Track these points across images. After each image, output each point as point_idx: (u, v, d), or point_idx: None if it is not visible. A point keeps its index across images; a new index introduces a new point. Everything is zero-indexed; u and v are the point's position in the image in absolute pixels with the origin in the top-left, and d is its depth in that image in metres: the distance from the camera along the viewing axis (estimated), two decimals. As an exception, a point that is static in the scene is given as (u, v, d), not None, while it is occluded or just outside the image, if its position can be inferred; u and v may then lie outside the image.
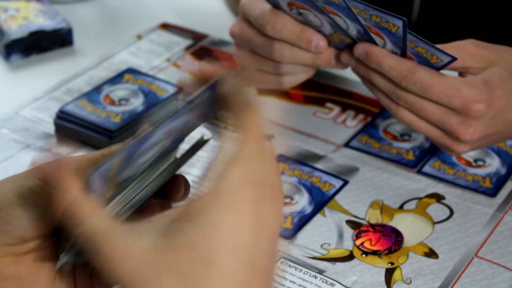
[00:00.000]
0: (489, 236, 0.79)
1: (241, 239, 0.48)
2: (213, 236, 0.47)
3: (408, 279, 0.75)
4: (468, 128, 0.77)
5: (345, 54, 0.82)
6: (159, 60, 1.05)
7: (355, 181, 0.85)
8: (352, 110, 0.96)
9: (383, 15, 0.73)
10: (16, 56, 1.04)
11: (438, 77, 0.77)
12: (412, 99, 0.78)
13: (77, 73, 1.02)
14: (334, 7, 0.75)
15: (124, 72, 0.98)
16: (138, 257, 0.48)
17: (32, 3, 1.09)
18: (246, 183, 0.49)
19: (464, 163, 0.87)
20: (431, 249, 0.78)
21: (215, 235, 0.48)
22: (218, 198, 0.49)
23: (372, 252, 0.77)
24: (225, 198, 0.49)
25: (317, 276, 0.74)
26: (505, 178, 0.85)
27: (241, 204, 0.49)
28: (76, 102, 0.92)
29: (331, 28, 0.80)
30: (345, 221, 0.81)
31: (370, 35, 0.77)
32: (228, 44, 1.06)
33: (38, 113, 0.95)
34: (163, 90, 0.94)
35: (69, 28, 1.06)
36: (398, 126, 0.92)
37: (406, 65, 0.77)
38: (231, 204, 0.49)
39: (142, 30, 1.11)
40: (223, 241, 0.47)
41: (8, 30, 1.04)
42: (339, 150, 0.90)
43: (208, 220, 0.48)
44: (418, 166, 0.87)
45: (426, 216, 0.81)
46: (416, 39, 0.74)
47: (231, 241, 0.48)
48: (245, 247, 0.48)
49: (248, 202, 0.49)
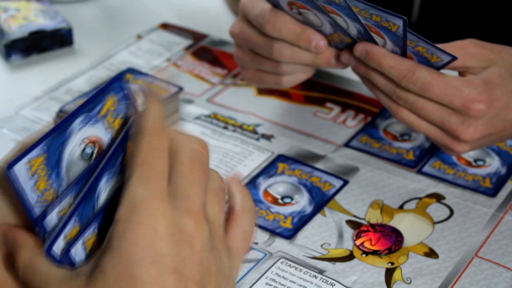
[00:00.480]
0: (489, 236, 0.79)
1: (159, 248, 0.49)
2: (131, 251, 0.49)
3: (408, 279, 0.75)
4: (468, 128, 0.77)
5: (345, 54, 0.82)
6: (159, 60, 1.05)
7: (355, 181, 0.85)
8: (352, 110, 0.96)
9: (383, 15, 0.73)
10: (16, 56, 1.04)
11: (438, 77, 0.77)
12: (412, 99, 0.78)
13: (77, 73, 1.02)
14: (335, 7, 0.75)
15: (124, 72, 0.98)
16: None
17: (32, 3, 1.09)
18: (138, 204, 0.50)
19: (464, 163, 0.87)
20: (431, 249, 0.78)
21: (133, 250, 0.49)
22: (118, 225, 0.50)
23: (372, 252, 0.77)
24: (124, 221, 0.50)
25: (317, 276, 0.74)
26: (505, 178, 0.85)
27: (137, 223, 0.49)
28: (76, 102, 0.92)
29: (331, 28, 0.80)
30: (345, 221, 0.81)
31: (370, 35, 0.77)
32: (228, 44, 1.07)
33: (38, 113, 0.95)
34: (163, 90, 0.94)
35: (69, 28, 1.06)
36: (398, 126, 0.92)
37: (406, 64, 0.77)
38: (129, 225, 0.50)
39: (142, 30, 1.11)
40: (141, 254, 0.49)
41: (8, 30, 1.04)
42: (339, 150, 0.90)
43: (113, 246, 0.49)
44: (418, 166, 0.87)
45: (426, 216, 0.81)
46: (416, 38, 0.74)
47: (149, 252, 0.49)
48: (165, 255, 0.49)
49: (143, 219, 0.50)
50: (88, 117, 0.53)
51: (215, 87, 1.00)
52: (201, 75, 1.02)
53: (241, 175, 0.59)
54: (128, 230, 0.49)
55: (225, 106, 0.96)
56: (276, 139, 0.91)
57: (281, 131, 0.93)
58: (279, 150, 0.90)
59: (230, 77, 1.02)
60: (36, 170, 0.51)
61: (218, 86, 1.00)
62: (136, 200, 0.50)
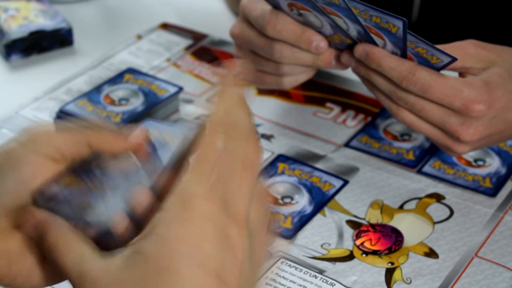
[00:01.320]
0: (489, 236, 0.79)
1: (205, 250, 0.49)
2: (165, 247, 0.49)
3: (408, 279, 0.75)
4: (468, 129, 0.77)
5: (345, 55, 0.82)
6: (159, 60, 1.05)
7: (355, 181, 0.85)
8: (352, 110, 0.96)
9: (383, 16, 0.73)
10: (16, 56, 1.04)
11: (438, 78, 0.77)
12: (413, 100, 0.78)
13: (77, 73, 1.02)
14: (334, 8, 0.75)
15: (124, 72, 0.98)
16: (110, 275, 0.50)
17: (32, 3, 1.09)
18: (191, 198, 0.50)
19: (464, 163, 0.87)
20: (431, 249, 0.78)
21: (168, 247, 0.49)
22: (166, 213, 0.50)
23: (372, 252, 0.77)
24: (173, 212, 0.50)
25: (317, 276, 0.75)
26: (505, 178, 0.86)
27: (187, 217, 0.50)
28: (76, 102, 0.92)
29: (331, 29, 0.80)
30: (345, 221, 0.81)
31: (370, 36, 0.77)
32: (228, 44, 1.07)
33: (38, 113, 0.95)
34: (163, 90, 0.95)
35: (69, 28, 1.06)
36: (398, 126, 0.92)
37: (406, 65, 0.77)
38: (178, 218, 0.50)
39: (142, 30, 1.11)
40: (187, 252, 0.49)
41: (8, 30, 1.04)
42: (339, 150, 0.90)
43: (159, 234, 0.49)
44: (418, 166, 0.87)
45: (426, 216, 0.81)
46: (416, 39, 0.74)
47: (196, 252, 0.49)
48: (210, 257, 0.49)
49: (210, 217, 0.50)
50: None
51: (215, 87, 1.00)
52: (201, 75, 1.02)
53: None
54: (177, 224, 0.49)
55: (225, 106, 0.96)
56: (276, 139, 0.91)
57: (281, 131, 0.93)
58: (279, 150, 0.90)
59: (230, 77, 1.01)
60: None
61: (218, 86, 1.00)
62: (188, 196, 0.50)
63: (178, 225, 0.50)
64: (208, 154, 0.52)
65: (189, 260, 0.49)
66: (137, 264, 0.49)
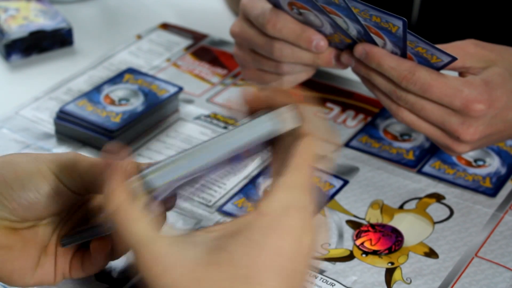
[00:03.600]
0: (489, 236, 0.79)
1: (283, 261, 0.48)
2: (257, 255, 0.48)
3: (408, 279, 0.75)
4: (468, 128, 0.77)
5: (345, 55, 0.82)
6: (159, 60, 1.05)
7: (355, 181, 0.85)
8: (352, 110, 0.96)
9: (383, 15, 0.73)
10: (16, 56, 1.04)
11: (438, 77, 0.77)
12: (413, 99, 0.78)
13: (77, 73, 1.02)
14: (334, 7, 0.75)
15: (124, 72, 0.98)
16: (182, 268, 0.48)
17: (32, 3, 1.09)
18: (294, 209, 0.50)
19: (464, 163, 0.87)
20: (431, 249, 0.78)
21: (259, 255, 0.48)
22: (265, 219, 0.49)
23: (372, 252, 0.77)
24: (273, 220, 0.49)
25: (317, 276, 0.74)
26: (505, 178, 0.86)
27: (287, 228, 0.49)
28: (76, 102, 0.92)
29: (331, 28, 0.80)
30: (345, 221, 0.81)
31: (370, 35, 0.77)
32: (228, 44, 1.07)
33: (38, 113, 0.95)
34: (163, 90, 0.94)
35: (69, 28, 1.06)
36: (398, 126, 0.92)
37: (406, 65, 0.77)
38: (278, 226, 0.49)
39: (142, 30, 1.11)
40: (266, 261, 0.48)
41: (8, 30, 1.04)
42: (339, 150, 0.90)
43: (253, 239, 0.48)
44: (418, 166, 0.87)
45: (426, 216, 0.81)
46: (416, 39, 0.74)
47: (274, 262, 0.48)
48: (286, 269, 0.48)
49: (294, 227, 0.49)
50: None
51: (215, 87, 1.00)
52: (201, 75, 1.02)
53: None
54: (275, 234, 0.48)
55: (225, 106, 0.96)
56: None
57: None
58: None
59: (230, 77, 1.02)
60: None
61: (218, 86, 1.00)
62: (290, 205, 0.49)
63: (276, 235, 0.48)
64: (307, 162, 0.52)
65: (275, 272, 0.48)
66: (222, 265, 0.48)
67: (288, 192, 0.50)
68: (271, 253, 0.48)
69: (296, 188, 0.50)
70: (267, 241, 0.48)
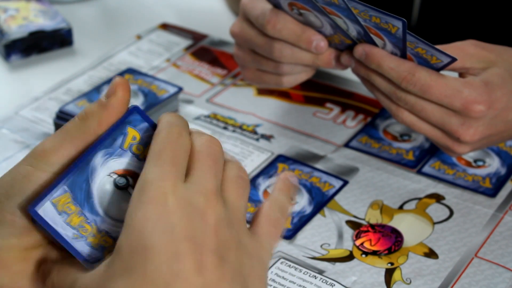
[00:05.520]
0: (489, 236, 0.79)
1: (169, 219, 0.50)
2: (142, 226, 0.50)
3: (408, 279, 0.75)
4: (468, 129, 0.77)
5: (345, 55, 0.82)
6: (159, 60, 1.05)
7: (355, 181, 0.85)
8: (352, 110, 0.96)
9: (382, 16, 0.73)
10: (16, 56, 1.04)
11: (438, 78, 0.77)
12: (412, 100, 0.78)
13: (77, 73, 1.02)
14: (334, 8, 0.75)
15: (124, 72, 0.98)
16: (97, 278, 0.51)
17: (32, 3, 1.09)
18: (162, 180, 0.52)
19: (464, 163, 0.87)
20: (431, 249, 0.78)
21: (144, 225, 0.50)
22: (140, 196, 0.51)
23: (372, 252, 0.77)
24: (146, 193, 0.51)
25: (317, 276, 0.74)
26: (505, 178, 0.86)
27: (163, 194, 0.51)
28: (76, 102, 0.92)
29: (331, 29, 0.80)
30: (345, 221, 0.81)
31: (370, 36, 0.77)
32: (228, 44, 1.07)
33: (38, 113, 0.95)
34: (163, 90, 0.94)
35: (69, 28, 1.06)
36: (398, 126, 0.92)
37: (406, 66, 0.77)
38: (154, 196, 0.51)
39: (142, 30, 1.11)
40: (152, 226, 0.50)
41: (8, 30, 1.04)
42: (339, 150, 0.90)
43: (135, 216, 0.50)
44: (418, 166, 0.87)
45: (426, 216, 0.81)
46: (416, 40, 0.74)
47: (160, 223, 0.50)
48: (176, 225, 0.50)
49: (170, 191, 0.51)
50: (110, 152, 0.55)
51: (215, 87, 1.00)
52: (201, 75, 1.02)
53: (292, 175, 0.61)
54: (139, 208, 0.51)
55: (225, 106, 0.96)
56: (275, 139, 0.91)
57: (281, 132, 0.93)
58: (278, 151, 0.90)
59: (229, 77, 1.02)
60: (63, 208, 0.53)
61: (218, 86, 1.00)
62: (147, 181, 0.51)
63: (138, 210, 0.50)
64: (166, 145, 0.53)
65: (156, 232, 0.49)
66: (115, 259, 0.50)
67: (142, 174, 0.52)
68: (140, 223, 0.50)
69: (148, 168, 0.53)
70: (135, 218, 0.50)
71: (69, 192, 0.53)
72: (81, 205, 0.54)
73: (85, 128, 0.55)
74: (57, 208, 0.53)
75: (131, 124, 0.55)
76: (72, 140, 0.55)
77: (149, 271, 0.49)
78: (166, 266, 0.49)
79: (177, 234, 0.50)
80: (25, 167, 0.55)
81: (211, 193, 0.52)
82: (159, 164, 0.52)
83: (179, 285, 0.49)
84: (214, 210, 0.52)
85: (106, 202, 0.55)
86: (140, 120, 0.56)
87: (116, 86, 0.56)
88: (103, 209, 0.54)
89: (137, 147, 0.56)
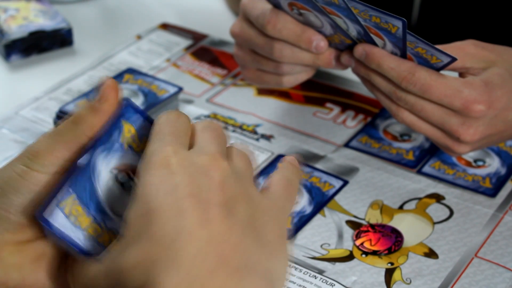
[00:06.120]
0: (489, 236, 0.79)
1: (172, 180, 0.50)
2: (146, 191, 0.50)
3: (408, 279, 0.75)
4: (468, 129, 0.77)
5: (345, 55, 0.82)
6: (159, 60, 1.05)
7: (355, 181, 0.85)
8: (352, 110, 0.96)
9: (382, 16, 0.73)
10: (16, 56, 1.04)
11: (438, 78, 0.77)
12: (412, 100, 0.78)
13: (77, 73, 1.02)
14: (334, 8, 0.75)
15: (124, 72, 0.98)
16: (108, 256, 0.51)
17: (32, 3, 1.09)
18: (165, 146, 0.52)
19: (464, 163, 0.87)
20: (431, 249, 0.78)
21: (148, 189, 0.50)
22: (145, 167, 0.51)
23: (372, 252, 0.77)
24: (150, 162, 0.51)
25: (317, 276, 0.74)
26: (505, 178, 0.86)
27: (165, 157, 0.51)
28: (76, 102, 0.92)
29: (331, 29, 0.80)
30: (345, 221, 0.81)
31: (370, 36, 0.77)
32: (228, 44, 1.07)
33: (38, 113, 0.95)
34: (163, 90, 0.94)
35: (69, 28, 1.06)
36: (398, 126, 0.92)
37: (406, 66, 0.77)
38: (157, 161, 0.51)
39: (142, 30, 1.11)
40: (155, 189, 0.50)
41: (8, 30, 1.04)
42: (339, 150, 0.90)
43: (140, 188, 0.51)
44: (418, 166, 0.87)
45: (426, 216, 0.81)
46: (416, 39, 0.74)
47: (163, 185, 0.50)
48: (179, 184, 0.50)
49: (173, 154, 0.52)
50: (108, 147, 0.55)
51: (215, 87, 1.00)
52: (201, 75, 1.02)
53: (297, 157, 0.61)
54: (143, 176, 0.51)
55: (225, 106, 0.96)
56: (276, 139, 0.91)
57: (281, 131, 0.93)
58: (278, 150, 0.90)
59: (230, 77, 1.02)
60: (71, 210, 0.53)
61: (218, 86, 1.00)
62: (150, 153, 0.52)
63: (144, 176, 0.51)
64: (166, 125, 0.54)
65: (159, 195, 0.50)
66: (124, 231, 0.50)
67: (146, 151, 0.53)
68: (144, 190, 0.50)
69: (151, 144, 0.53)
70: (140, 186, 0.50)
71: (74, 194, 0.53)
72: (87, 206, 0.54)
73: (77, 132, 0.55)
74: (64, 212, 0.53)
75: (125, 117, 0.56)
76: (65, 143, 0.55)
77: (154, 232, 0.49)
78: (170, 224, 0.49)
79: (180, 192, 0.50)
80: (20, 167, 0.55)
81: (215, 153, 0.53)
82: (160, 138, 0.53)
83: (184, 240, 0.48)
84: (220, 167, 0.52)
85: (111, 200, 0.55)
86: (134, 113, 0.56)
87: (108, 90, 0.56)
88: (109, 207, 0.54)
89: (133, 139, 0.56)
